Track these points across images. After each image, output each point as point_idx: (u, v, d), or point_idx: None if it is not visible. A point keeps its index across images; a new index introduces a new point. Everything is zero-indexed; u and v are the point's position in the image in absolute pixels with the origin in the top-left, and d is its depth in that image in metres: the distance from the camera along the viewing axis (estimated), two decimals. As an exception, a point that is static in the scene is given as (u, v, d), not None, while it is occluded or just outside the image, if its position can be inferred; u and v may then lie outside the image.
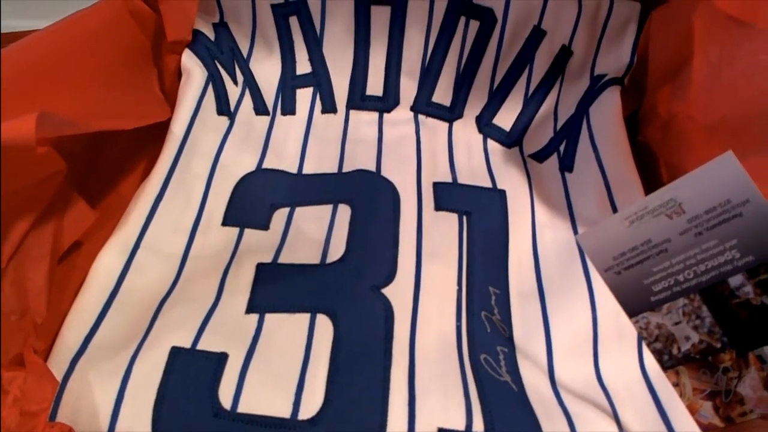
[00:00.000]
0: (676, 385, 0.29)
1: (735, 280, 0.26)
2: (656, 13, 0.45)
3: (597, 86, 0.47)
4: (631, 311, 0.29)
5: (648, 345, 0.29)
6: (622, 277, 0.28)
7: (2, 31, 0.57)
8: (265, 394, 0.31)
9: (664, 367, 0.29)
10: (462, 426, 0.30)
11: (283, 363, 0.32)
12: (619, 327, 0.36)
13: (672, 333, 0.28)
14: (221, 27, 0.49)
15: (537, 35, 0.48)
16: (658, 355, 0.29)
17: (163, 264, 0.38)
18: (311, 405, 0.31)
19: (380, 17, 0.49)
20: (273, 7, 0.48)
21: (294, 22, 0.49)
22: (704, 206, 0.25)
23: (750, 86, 0.37)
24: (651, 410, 0.33)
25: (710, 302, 0.27)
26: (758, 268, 0.25)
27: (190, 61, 0.46)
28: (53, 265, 0.34)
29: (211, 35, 0.49)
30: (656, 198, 0.26)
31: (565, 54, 0.49)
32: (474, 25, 0.48)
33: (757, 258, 0.25)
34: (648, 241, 0.27)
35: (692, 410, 0.29)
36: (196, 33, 0.48)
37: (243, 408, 0.30)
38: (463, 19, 0.48)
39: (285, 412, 0.30)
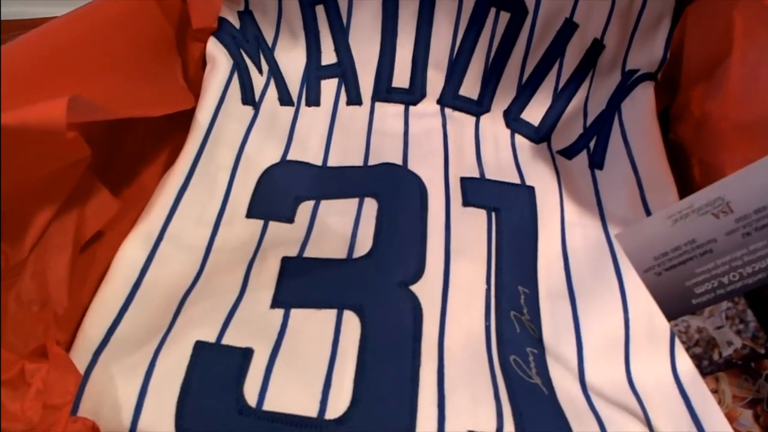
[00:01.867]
0: (714, 392, 0.28)
1: (784, 284, 0.25)
2: (693, 7, 0.44)
3: (629, 82, 0.46)
4: (671, 314, 0.28)
5: (687, 349, 0.28)
6: (663, 278, 0.27)
7: (14, 18, 0.56)
8: (291, 392, 0.30)
9: (704, 372, 0.28)
10: (493, 428, 0.29)
11: (309, 360, 0.32)
12: (651, 329, 0.35)
13: (713, 337, 0.27)
14: (246, 15, 0.48)
15: (568, 28, 0.47)
16: (697, 360, 0.28)
17: (187, 256, 0.37)
18: (338, 404, 0.30)
19: (408, 8, 0.48)
20: (299, -5, 0.48)
21: (320, 11, 0.49)
22: (754, 206, 0.24)
23: (791, 86, 0.36)
24: (683, 414, 0.32)
25: (756, 306, 0.26)
26: (810, 272, 0.24)
27: (215, 49, 0.45)
28: (75, 255, 0.34)
29: (237, 23, 0.48)
30: (702, 196, 0.25)
31: (596, 48, 0.47)
32: (504, 16, 0.47)
33: (808, 261, 0.24)
34: (692, 241, 0.26)
35: (731, 418, 0.28)
36: (222, 21, 0.47)
37: (269, 405, 0.29)
38: (493, 11, 0.47)
39: (312, 410, 0.29)
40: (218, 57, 0.45)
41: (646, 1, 0.46)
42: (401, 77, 0.50)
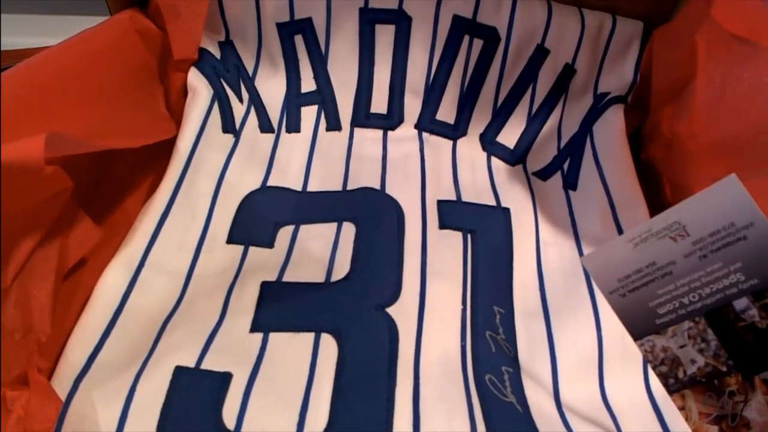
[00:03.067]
0: (681, 408, 0.29)
1: (740, 303, 0.26)
2: (659, 31, 0.46)
3: (600, 104, 0.47)
4: (637, 334, 0.28)
5: (654, 368, 0.29)
6: (627, 300, 0.28)
7: (3, 48, 0.57)
8: (269, 415, 0.31)
9: (670, 390, 0.29)
10: None
11: (287, 383, 0.32)
12: (624, 347, 0.36)
13: (677, 356, 0.28)
14: (227, 45, 0.50)
15: (540, 54, 0.48)
16: (663, 378, 0.29)
17: (168, 282, 0.38)
18: (315, 426, 0.30)
19: (384, 36, 0.49)
20: (278, 25, 0.49)
21: (299, 40, 0.50)
22: (708, 229, 0.25)
23: (754, 106, 0.37)
24: (656, 431, 0.33)
25: (715, 325, 0.27)
26: (763, 291, 0.25)
27: (196, 79, 0.46)
28: (58, 283, 0.34)
29: (217, 53, 0.49)
30: (660, 220, 0.26)
31: (568, 72, 0.49)
32: (478, 43, 0.49)
33: (761, 281, 0.25)
34: (653, 263, 0.27)
35: (698, 434, 0.29)
36: (202, 51, 0.48)
37: (247, 428, 0.30)
38: (466, 38, 0.49)
39: None
40: (199, 87, 0.46)
41: (615, 27, 0.47)
42: (379, 103, 0.51)
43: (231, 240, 0.41)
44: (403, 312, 0.36)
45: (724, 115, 0.39)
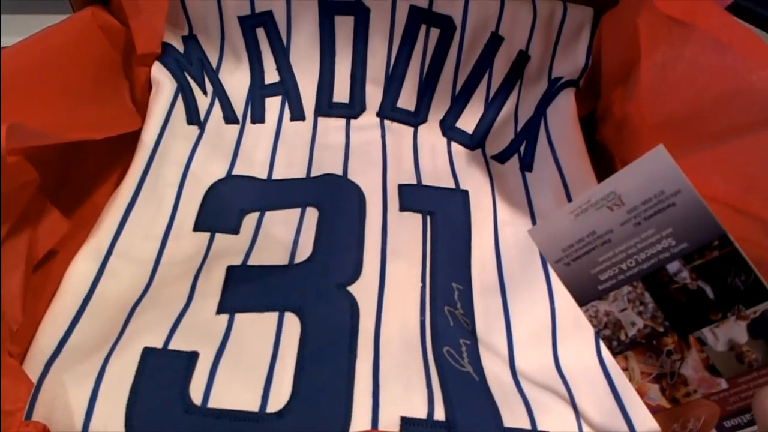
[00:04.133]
0: (625, 369, 0.30)
1: (672, 267, 0.27)
2: (606, 17, 0.47)
3: (554, 89, 0.49)
4: (581, 300, 0.30)
5: (598, 332, 0.30)
6: (571, 268, 0.30)
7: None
8: (234, 390, 0.32)
9: (614, 352, 0.30)
10: (424, 414, 0.32)
11: (252, 360, 0.33)
12: (576, 317, 0.37)
13: (619, 319, 0.29)
14: (190, 39, 0.50)
15: (495, 41, 0.50)
16: (608, 341, 0.30)
17: (136, 269, 0.39)
18: (279, 398, 0.32)
19: (344, 27, 0.51)
20: (240, 18, 0.50)
21: (261, 32, 0.51)
22: (641, 197, 0.27)
23: (692, 85, 0.39)
24: (607, 395, 0.35)
25: (652, 288, 0.28)
26: (693, 254, 0.26)
27: (159, 73, 0.47)
28: (28, 274, 0.35)
29: (181, 47, 0.50)
30: (598, 191, 0.28)
31: (522, 59, 0.50)
32: (434, 32, 0.50)
33: (691, 245, 0.26)
34: (593, 232, 0.28)
35: (641, 393, 0.30)
36: (166, 45, 0.49)
37: (213, 403, 0.31)
38: (423, 27, 0.50)
39: (254, 405, 0.31)
40: (162, 80, 0.47)
41: (566, 13, 0.49)
42: (341, 92, 0.52)
43: (197, 228, 0.42)
44: (363, 289, 0.38)
45: (667, 95, 0.41)
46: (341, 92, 0.52)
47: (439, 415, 0.32)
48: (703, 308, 0.27)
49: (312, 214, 0.43)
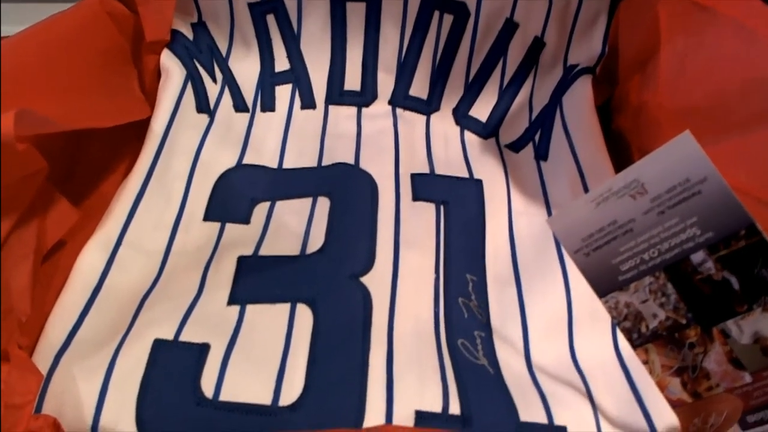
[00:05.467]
0: (645, 362, 0.30)
1: (697, 257, 0.27)
2: (624, 4, 0.46)
3: (569, 76, 0.48)
4: (601, 291, 0.29)
5: (618, 324, 0.30)
6: (591, 258, 0.29)
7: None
8: (246, 383, 0.32)
9: (634, 345, 0.30)
10: (439, 408, 0.31)
11: (263, 352, 0.33)
12: (593, 309, 0.37)
13: (640, 311, 0.29)
14: (199, 26, 0.50)
15: (509, 28, 0.49)
16: (627, 333, 0.30)
17: (146, 260, 0.38)
18: (291, 392, 0.31)
19: (356, 14, 0.50)
20: (250, 5, 0.49)
21: (271, 20, 0.50)
22: (665, 185, 0.26)
23: (714, 73, 0.38)
24: (624, 389, 0.34)
25: (675, 279, 0.28)
26: (718, 244, 0.26)
27: (168, 60, 0.47)
28: (37, 265, 0.35)
29: (190, 35, 0.49)
30: (620, 179, 0.27)
31: (537, 46, 0.50)
32: (448, 19, 0.49)
33: (716, 234, 0.26)
34: (614, 221, 0.28)
35: (661, 387, 0.30)
36: (175, 33, 0.48)
37: (225, 396, 0.31)
38: (437, 14, 0.49)
39: (266, 399, 0.31)
40: (171, 68, 0.47)
41: (582, 0, 0.48)
42: (353, 80, 0.52)
43: (207, 217, 0.42)
44: (376, 280, 0.37)
45: (687, 83, 0.40)
46: (353, 80, 0.51)
47: (454, 409, 0.31)
48: (727, 300, 0.27)
49: (323, 204, 0.42)
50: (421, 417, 0.31)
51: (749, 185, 0.34)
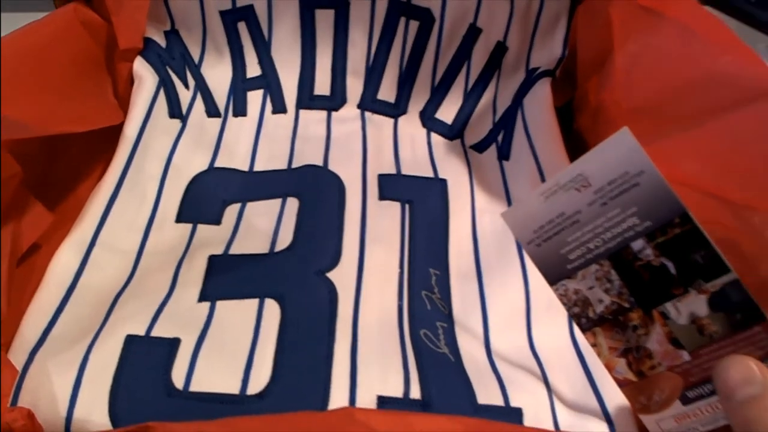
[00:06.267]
0: (594, 345, 0.31)
1: (637, 245, 0.28)
2: (581, 8, 0.48)
3: (531, 79, 0.50)
4: (552, 279, 0.31)
5: (568, 310, 0.31)
6: (542, 249, 0.30)
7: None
8: (215, 373, 0.33)
9: (583, 329, 0.31)
10: (400, 393, 0.32)
11: (232, 345, 0.34)
12: (550, 300, 0.38)
13: (587, 297, 0.30)
14: (172, 34, 0.51)
15: (473, 33, 0.51)
16: (577, 318, 0.31)
17: (119, 260, 0.39)
18: (259, 381, 0.32)
19: (325, 20, 0.51)
20: (222, 13, 0.50)
21: (243, 27, 0.51)
22: (606, 178, 0.27)
23: (663, 72, 0.40)
24: (578, 373, 0.35)
25: (618, 266, 0.29)
26: (655, 232, 0.27)
27: (141, 67, 0.48)
28: (12, 267, 0.35)
29: (163, 42, 0.51)
30: (566, 174, 0.28)
31: (500, 50, 0.51)
32: (414, 25, 0.51)
33: (654, 223, 0.27)
34: (562, 213, 0.29)
35: (609, 368, 0.31)
36: (148, 40, 0.49)
37: (195, 387, 0.32)
38: (403, 20, 0.51)
39: (234, 388, 0.32)
40: (144, 74, 0.48)
41: (542, 4, 0.50)
42: (322, 85, 0.53)
43: (180, 219, 0.43)
44: (342, 276, 0.39)
45: (640, 82, 0.42)
46: (322, 85, 0.53)
47: (415, 393, 0.32)
48: (665, 283, 0.28)
49: (293, 204, 0.44)
50: (383, 401, 0.32)
51: (697, 178, 0.35)
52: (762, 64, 0.34)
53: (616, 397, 0.33)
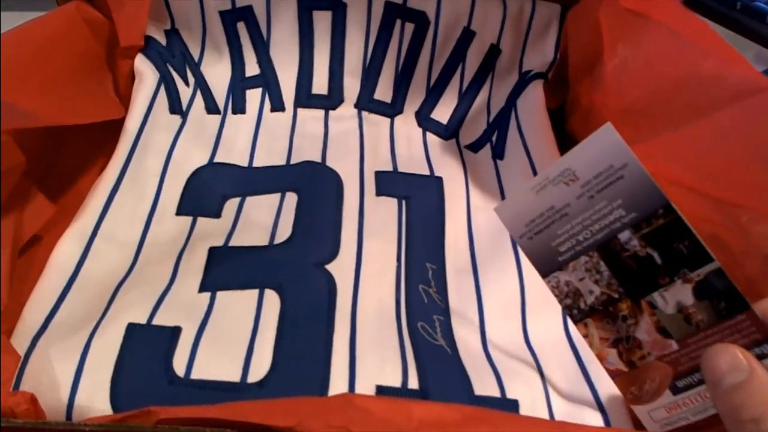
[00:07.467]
0: (585, 336, 0.32)
1: (624, 236, 0.29)
2: (571, 13, 0.50)
3: (524, 81, 0.51)
4: (544, 272, 0.32)
5: (560, 302, 0.32)
6: (534, 242, 0.31)
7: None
8: (216, 361, 0.33)
9: (575, 320, 0.32)
10: (398, 383, 0.33)
11: (233, 334, 0.35)
12: (544, 293, 0.38)
13: (578, 288, 0.31)
14: (172, 33, 0.52)
15: (467, 36, 0.52)
16: (568, 310, 0.32)
17: (120, 251, 0.40)
18: (259, 369, 0.33)
19: (322, 21, 0.53)
20: (221, 13, 0.51)
21: (242, 27, 0.53)
22: (593, 172, 0.28)
23: (651, 74, 0.41)
24: (572, 365, 0.36)
25: (606, 257, 0.30)
26: (641, 223, 0.28)
27: (142, 64, 0.49)
28: (14, 257, 0.36)
29: (163, 41, 0.52)
30: (555, 168, 0.29)
31: (494, 52, 0.53)
32: (409, 27, 0.52)
33: (639, 214, 0.28)
34: (552, 207, 0.30)
35: (601, 358, 0.32)
36: (148, 39, 0.50)
37: (196, 375, 0.33)
38: (399, 22, 0.52)
39: (235, 376, 0.33)
40: (145, 71, 0.49)
41: (534, 10, 0.51)
42: (320, 85, 0.54)
43: (180, 212, 0.44)
44: (341, 268, 0.39)
45: (629, 84, 0.43)
46: (320, 84, 0.54)
47: (413, 384, 0.33)
48: (652, 274, 0.29)
49: (291, 199, 0.45)
50: (381, 390, 0.33)
51: (683, 176, 0.37)
52: (747, 63, 0.35)
53: (609, 387, 0.34)
